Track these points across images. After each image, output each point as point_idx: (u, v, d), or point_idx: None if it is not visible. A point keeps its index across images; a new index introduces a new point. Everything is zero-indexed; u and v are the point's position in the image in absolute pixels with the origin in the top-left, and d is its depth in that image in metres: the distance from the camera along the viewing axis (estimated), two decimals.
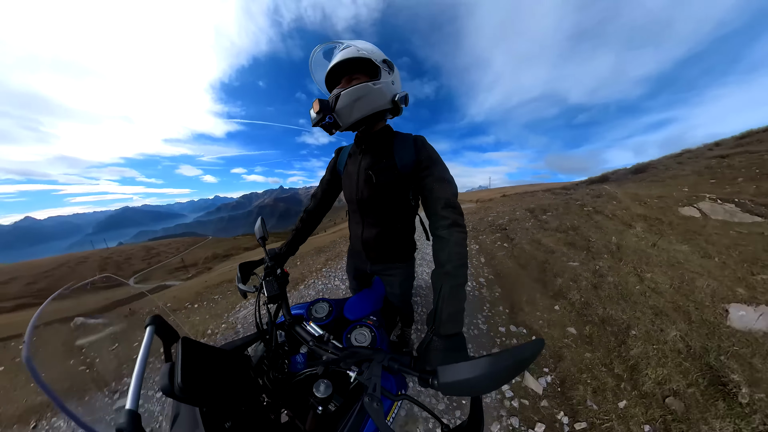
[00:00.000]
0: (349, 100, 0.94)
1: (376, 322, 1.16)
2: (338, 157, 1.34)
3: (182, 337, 0.62)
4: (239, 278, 1.13)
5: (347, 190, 1.27)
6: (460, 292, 0.82)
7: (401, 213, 1.22)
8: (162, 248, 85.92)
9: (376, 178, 1.10)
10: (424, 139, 1.09)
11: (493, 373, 0.46)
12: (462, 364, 0.49)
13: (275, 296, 0.99)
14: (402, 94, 1.03)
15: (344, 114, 0.96)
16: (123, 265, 65.42)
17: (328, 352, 0.82)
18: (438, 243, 0.93)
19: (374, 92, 0.96)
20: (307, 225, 1.43)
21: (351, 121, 0.98)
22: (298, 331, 0.95)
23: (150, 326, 0.67)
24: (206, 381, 0.57)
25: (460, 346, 0.74)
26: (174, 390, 0.51)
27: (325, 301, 1.19)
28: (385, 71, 0.99)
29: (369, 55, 0.94)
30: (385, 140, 1.13)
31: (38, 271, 56.83)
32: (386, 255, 1.33)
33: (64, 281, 22.72)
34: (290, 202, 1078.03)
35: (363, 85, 0.95)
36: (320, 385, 0.71)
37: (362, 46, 0.98)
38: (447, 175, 1.03)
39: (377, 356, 0.71)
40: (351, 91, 0.94)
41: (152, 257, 74.88)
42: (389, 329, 1.59)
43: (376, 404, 0.59)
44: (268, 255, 1.19)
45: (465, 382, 0.48)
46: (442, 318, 0.76)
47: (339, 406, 0.72)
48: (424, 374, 0.59)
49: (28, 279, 53.56)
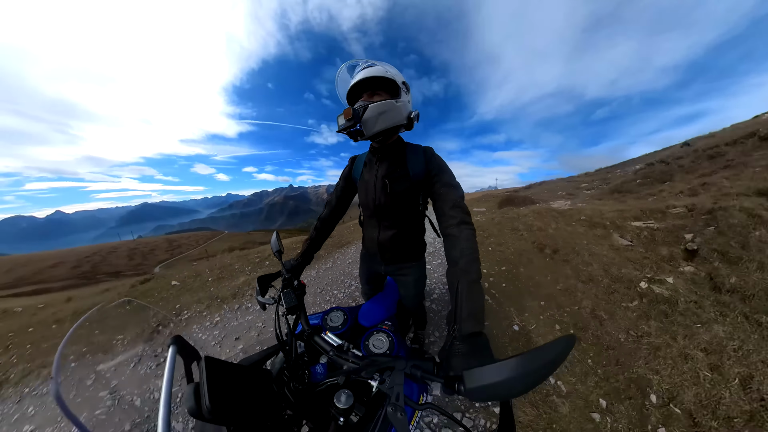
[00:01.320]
0: (375, 113, 1.04)
1: (392, 327, 1.17)
2: (353, 165, 1.43)
3: (205, 356, 0.59)
4: (258, 291, 1.17)
5: (363, 196, 1.36)
6: (477, 288, 0.81)
7: (413, 216, 1.34)
8: (183, 241, 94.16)
9: (393, 185, 1.21)
10: (432, 150, 1.21)
11: (523, 375, 0.43)
12: (488, 367, 0.47)
13: (293, 307, 1.01)
14: (415, 112, 1.15)
15: (369, 124, 1.05)
16: (148, 256, 73.31)
17: (349, 362, 0.82)
18: (449, 241, 0.99)
19: (396, 109, 1.07)
20: (321, 233, 1.50)
21: (374, 132, 1.07)
22: (317, 341, 0.95)
23: (172, 346, 0.67)
24: (233, 400, 0.55)
25: (484, 348, 0.69)
26: (202, 412, 0.50)
27: (339, 310, 1.19)
28: (404, 92, 1.11)
29: (393, 77, 1.06)
30: (398, 151, 1.25)
31: (80, 257, 65.90)
32: (400, 255, 1.45)
33: (101, 266, 32.73)
34: (299, 200, 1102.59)
35: (388, 101, 1.06)
36: (341, 395, 0.71)
37: (388, 68, 1.09)
38: (454, 181, 1.14)
39: (399, 364, 0.69)
40: (378, 105, 1.04)
41: (174, 249, 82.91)
42: (403, 333, 1.62)
43: (399, 414, 0.58)
44: (285, 267, 1.23)
45: (493, 386, 0.46)
46: (463, 316, 0.75)
47: (361, 416, 0.71)
48: (449, 380, 0.57)
49: (72, 263, 61.90)
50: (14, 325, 4.17)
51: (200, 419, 0.50)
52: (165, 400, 0.55)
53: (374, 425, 0.73)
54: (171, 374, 0.61)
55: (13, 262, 64.83)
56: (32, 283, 46.66)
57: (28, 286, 43.24)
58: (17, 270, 61.30)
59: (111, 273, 54.57)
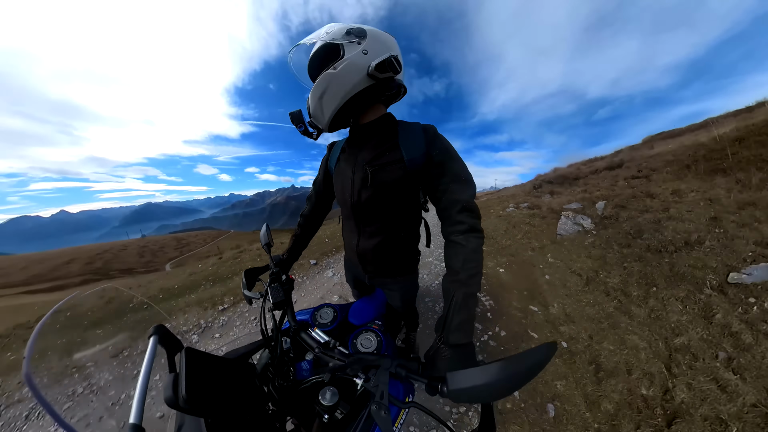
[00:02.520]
0: (316, 99, 0.83)
1: (382, 326, 1.13)
2: (330, 152, 1.16)
3: (186, 347, 0.59)
4: (244, 285, 1.10)
5: (339, 192, 1.08)
6: (472, 301, 0.76)
7: (406, 218, 1.05)
8: (191, 239, 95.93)
9: (378, 175, 0.92)
10: (435, 128, 0.91)
11: (505, 378, 0.44)
12: (472, 370, 0.47)
13: (280, 302, 0.97)
14: (380, 59, 0.78)
15: (317, 116, 0.86)
16: (158, 253, 74.82)
17: (334, 359, 0.81)
18: (452, 248, 0.84)
19: (338, 76, 0.78)
20: (306, 230, 1.34)
21: (327, 120, 0.85)
22: (303, 337, 0.93)
23: (153, 336, 0.65)
24: (211, 391, 0.55)
25: (469, 354, 0.70)
26: (178, 401, 0.50)
27: (329, 307, 1.14)
28: (351, 44, 0.78)
29: (327, 38, 0.78)
30: (386, 130, 0.94)
31: (92, 254, 67.43)
32: (386, 269, 1.16)
33: (113, 263, 33.88)
34: (301, 200, 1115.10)
35: (322, 76, 0.79)
36: (326, 392, 0.70)
37: (322, 32, 0.80)
38: (465, 173, 0.88)
39: (384, 363, 0.69)
40: (313, 90, 0.82)
41: (183, 247, 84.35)
42: (394, 334, 1.59)
43: (383, 412, 0.58)
44: (273, 261, 1.14)
45: (475, 388, 0.47)
46: (452, 327, 0.73)
47: (345, 413, 0.70)
48: (433, 381, 0.57)
49: (86, 260, 63.31)
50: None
51: (177, 409, 0.50)
52: (141, 387, 0.54)
53: (358, 423, 0.73)
54: (150, 363, 0.60)
55: (28, 260, 66.61)
56: (48, 280, 48.05)
57: (45, 283, 44.55)
58: (32, 267, 62.92)
59: (123, 270, 55.82)
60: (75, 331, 1.72)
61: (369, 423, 0.73)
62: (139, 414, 0.51)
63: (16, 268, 60.85)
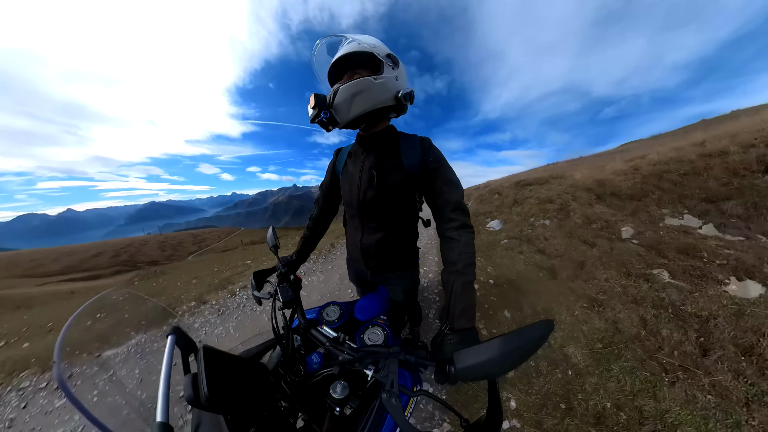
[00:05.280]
0: (348, 94, 0.90)
1: (387, 321, 1.16)
2: (337, 158, 1.28)
3: (204, 346, 0.60)
4: (253, 286, 1.13)
5: (346, 192, 1.20)
6: (471, 288, 0.83)
7: (405, 217, 1.18)
8: (205, 235, 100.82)
9: (382, 178, 1.05)
10: (430, 140, 1.07)
11: (508, 353, 0.47)
12: (476, 347, 0.51)
13: (290, 301, 1.00)
14: (407, 90, 0.96)
15: (342, 109, 0.92)
16: (177, 248, 79.23)
17: (344, 353, 0.82)
18: (447, 243, 0.94)
19: (376, 87, 0.91)
20: (315, 233, 1.41)
21: (350, 117, 0.93)
22: (313, 333, 0.96)
23: (171, 336, 0.68)
24: (230, 389, 0.57)
25: (473, 337, 0.74)
26: (200, 400, 0.51)
27: (335, 304, 1.16)
28: (388, 66, 0.94)
29: (371, 49, 0.90)
30: (389, 140, 1.09)
31: (116, 248, 71.44)
32: (388, 264, 1.26)
33: (137, 256, 39.05)
34: (303, 199, 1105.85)
35: (363, 79, 0.90)
36: (337, 385, 0.71)
37: (365, 40, 0.93)
38: (455, 178, 1.02)
39: (393, 351, 0.71)
40: (350, 85, 0.89)
41: (200, 242, 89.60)
42: (398, 329, 1.63)
43: (394, 400, 0.60)
44: (281, 262, 1.19)
45: (481, 365, 0.49)
46: (455, 313, 0.77)
47: (356, 406, 0.72)
48: (441, 363, 0.60)
49: (111, 253, 67.63)
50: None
51: (198, 408, 0.51)
52: (164, 388, 0.56)
53: (369, 414, 0.75)
54: (170, 361, 0.62)
55: (58, 253, 71.12)
56: (82, 270, 51.80)
57: (80, 272, 48.19)
58: (63, 260, 66.90)
59: (149, 262, 58.89)
60: (95, 332, 1.51)
61: (380, 413, 0.75)
62: (165, 412, 0.53)
63: (49, 260, 65.03)
